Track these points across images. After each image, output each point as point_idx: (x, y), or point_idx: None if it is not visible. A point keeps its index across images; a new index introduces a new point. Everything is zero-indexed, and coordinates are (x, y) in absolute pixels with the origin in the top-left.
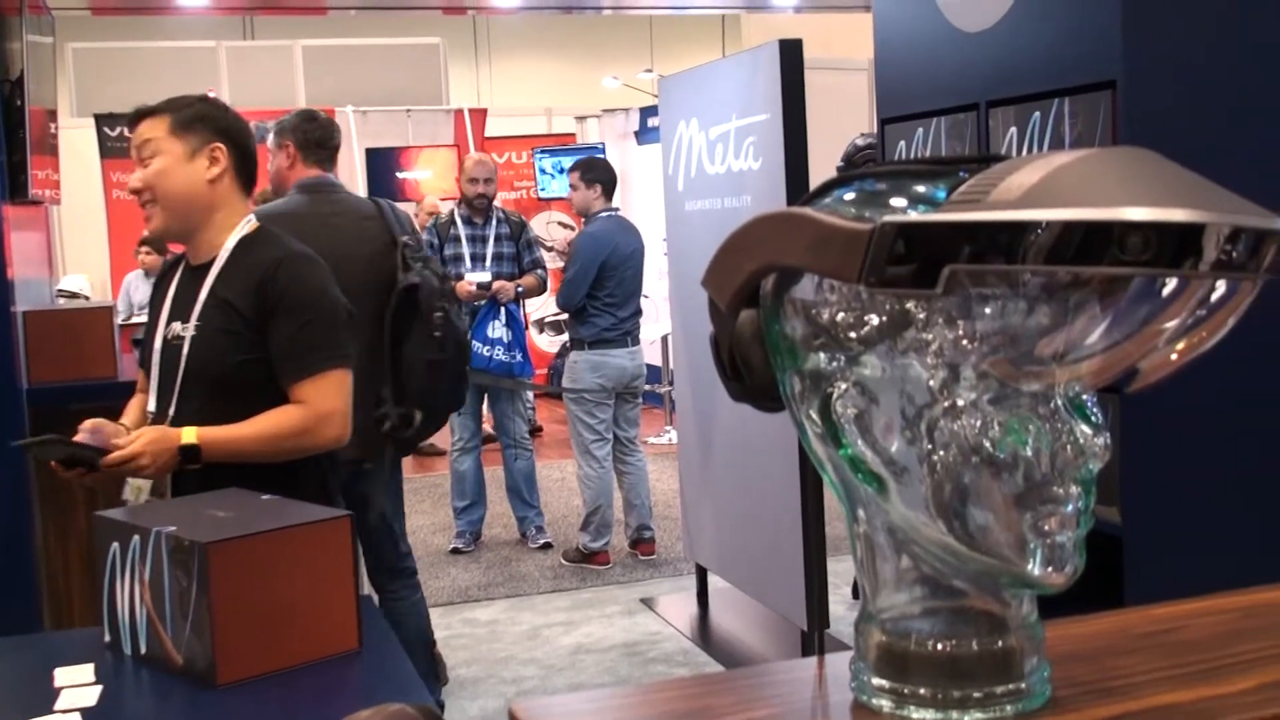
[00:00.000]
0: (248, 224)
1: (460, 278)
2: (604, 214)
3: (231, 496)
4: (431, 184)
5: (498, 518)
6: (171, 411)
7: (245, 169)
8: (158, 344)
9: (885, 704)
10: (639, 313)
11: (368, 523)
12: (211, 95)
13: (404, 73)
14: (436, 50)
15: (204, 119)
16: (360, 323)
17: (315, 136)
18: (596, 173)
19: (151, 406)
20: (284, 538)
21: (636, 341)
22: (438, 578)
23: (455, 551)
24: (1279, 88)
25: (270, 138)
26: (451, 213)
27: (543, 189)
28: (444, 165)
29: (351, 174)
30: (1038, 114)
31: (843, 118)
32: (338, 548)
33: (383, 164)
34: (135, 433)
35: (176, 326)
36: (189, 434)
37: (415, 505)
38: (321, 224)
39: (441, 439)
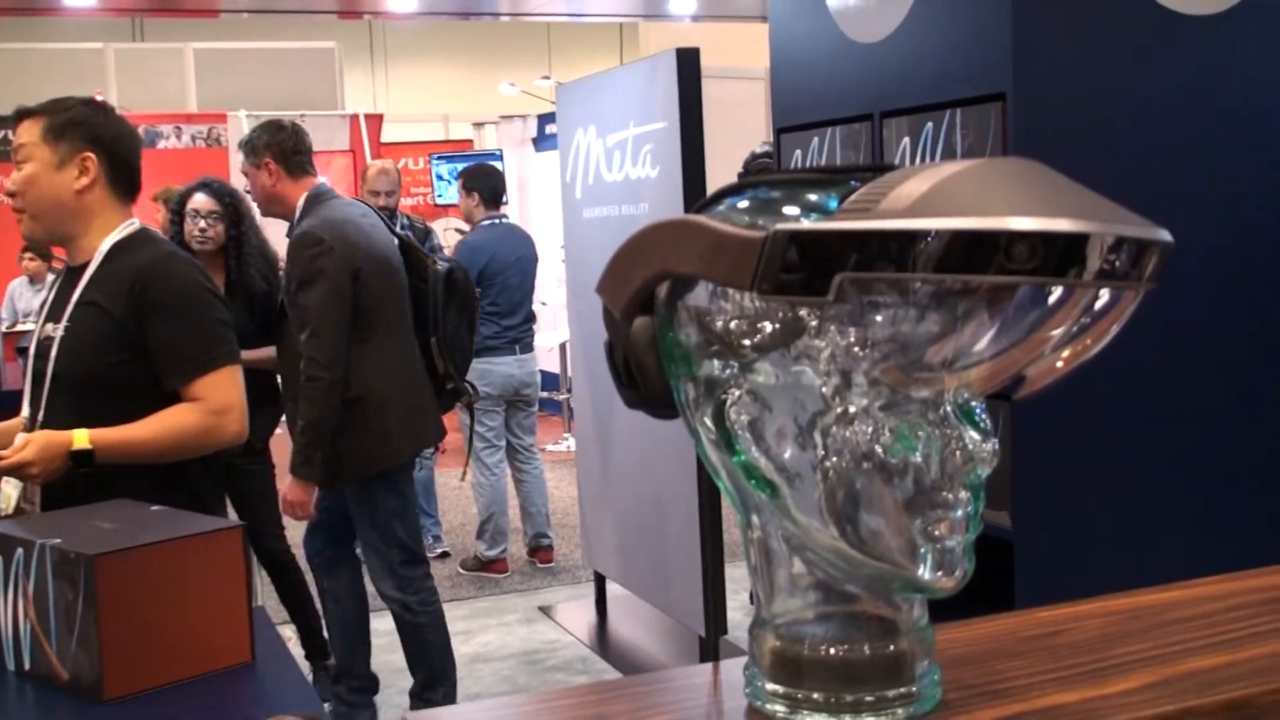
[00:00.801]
0: (127, 227)
1: None
2: (485, 222)
3: (119, 508)
4: None
5: None
6: (41, 414)
7: (122, 176)
8: (33, 345)
9: (779, 709)
10: (529, 320)
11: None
12: (99, 99)
13: (298, 77)
14: (332, 54)
15: (78, 125)
16: (396, 314)
17: (291, 145)
18: (476, 181)
19: (25, 410)
20: (173, 549)
21: (527, 349)
22: None
23: None
24: (1163, 101)
25: (242, 160)
26: None
27: (440, 195)
28: (339, 171)
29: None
30: (930, 125)
31: (740, 126)
32: (229, 559)
33: None
34: (25, 437)
35: (49, 327)
36: (80, 438)
37: None
38: (372, 228)
39: None
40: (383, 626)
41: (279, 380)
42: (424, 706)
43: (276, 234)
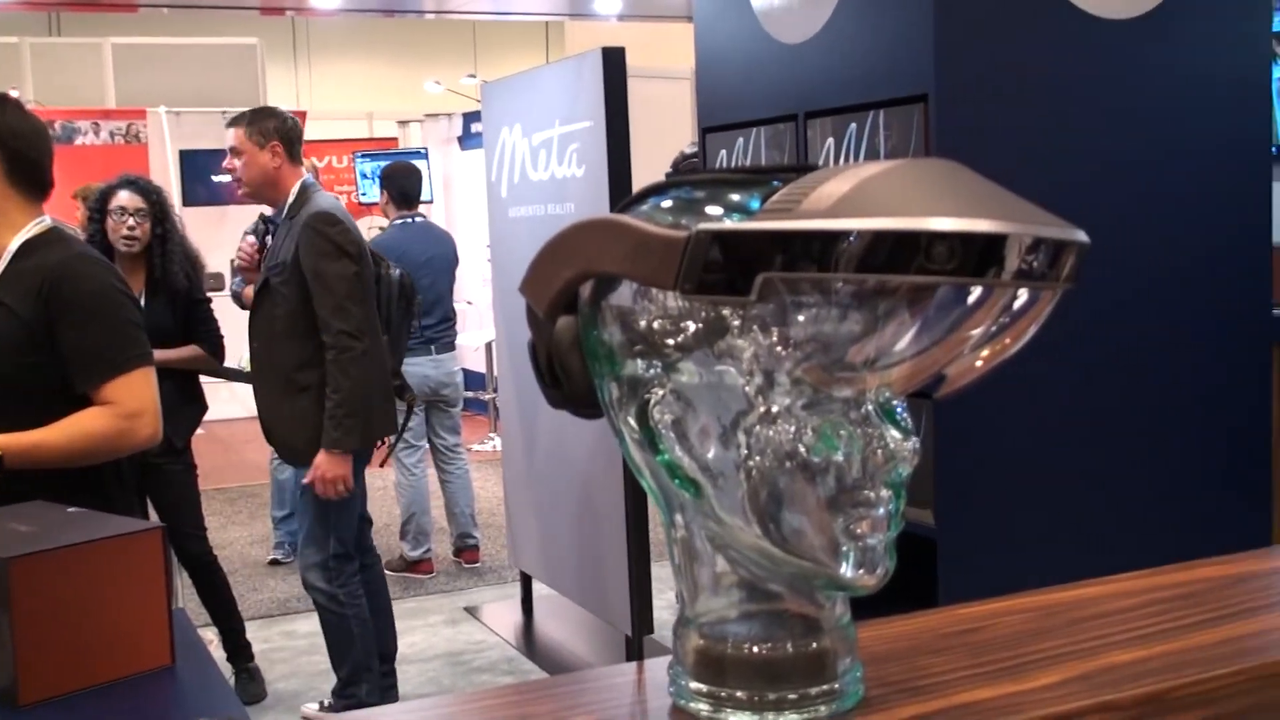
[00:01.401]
0: (36, 225)
1: None
2: (398, 221)
3: (35, 509)
4: None
5: None
6: None
7: (25, 173)
8: None
9: (703, 708)
10: (448, 319)
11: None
12: (14, 95)
13: (220, 73)
14: (254, 51)
15: None
16: (373, 306)
17: (296, 133)
18: (387, 180)
19: None
20: (90, 551)
21: (445, 349)
22: (256, 590)
23: (274, 563)
24: (1082, 103)
25: (243, 134)
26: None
27: (364, 194)
28: None
29: (165, 176)
30: (854, 125)
31: (666, 126)
32: (148, 561)
33: (198, 166)
34: None
35: None
36: None
37: (232, 516)
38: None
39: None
40: (305, 628)
41: (200, 378)
42: (348, 704)
43: (196, 233)
